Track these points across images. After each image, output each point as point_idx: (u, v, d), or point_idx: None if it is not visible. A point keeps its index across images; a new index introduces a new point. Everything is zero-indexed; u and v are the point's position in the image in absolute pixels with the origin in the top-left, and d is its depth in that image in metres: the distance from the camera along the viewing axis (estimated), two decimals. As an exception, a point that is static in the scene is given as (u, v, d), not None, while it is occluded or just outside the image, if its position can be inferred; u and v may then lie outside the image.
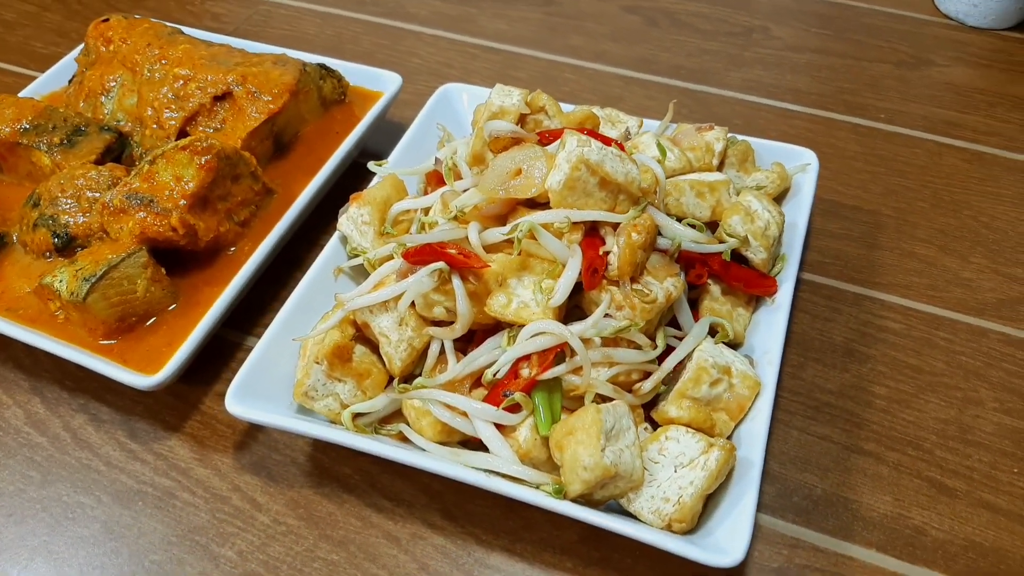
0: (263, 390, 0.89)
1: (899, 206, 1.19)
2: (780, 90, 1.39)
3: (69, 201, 1.02)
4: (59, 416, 0.98)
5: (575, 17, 1.56)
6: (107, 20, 1.25)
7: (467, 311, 0.85)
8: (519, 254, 0.85)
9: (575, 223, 0.85)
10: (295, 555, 0.86)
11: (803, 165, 1.07)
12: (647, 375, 0.85)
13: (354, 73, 1.27)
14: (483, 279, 0.86)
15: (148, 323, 0.97)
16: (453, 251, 0.86)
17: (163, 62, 1.15)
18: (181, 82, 1.13)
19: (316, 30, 1.55)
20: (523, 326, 0.82)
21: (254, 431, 0.96)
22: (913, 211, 1.18)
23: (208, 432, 0.96)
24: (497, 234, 0.88)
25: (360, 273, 1.03)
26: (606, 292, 0.84)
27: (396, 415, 0.90)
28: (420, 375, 0.89)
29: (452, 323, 0.86)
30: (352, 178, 1.20)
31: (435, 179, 1.08)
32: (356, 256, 1.00)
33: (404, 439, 0.88)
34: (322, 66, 1.21)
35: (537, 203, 0.89)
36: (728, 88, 1.40)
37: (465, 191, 0.94)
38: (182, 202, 0.97)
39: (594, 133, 0.92)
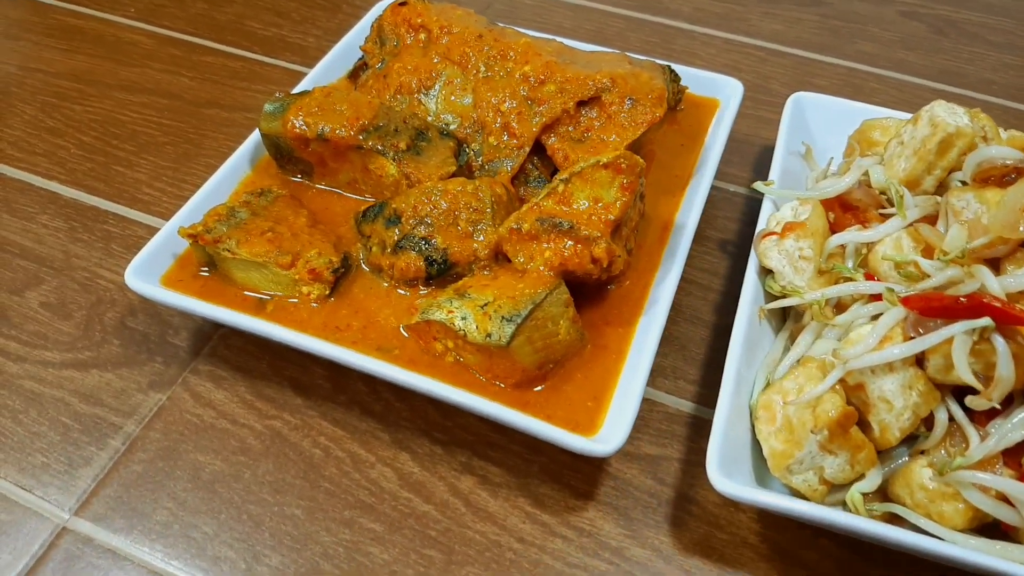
0: (730, 462, 0.74)
1: None
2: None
3: (442, 220, 0.86)
4: (440, 477, 0.82)
5: (852, 20, 1.42)
6: (405, 3, 1.08)
7: (1009, 375, 0.71)
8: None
9: None
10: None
11: None
12: None
13: (683, 75, 1.11)
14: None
15: (561, 370, 0.82)
16: (998, 303, 0.72)
17: (506, 58, 0.99)
18: (534, 82, 0.96)
19: (572, 23, 1.39)
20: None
21: (684, 502, 0.81)
22: None
23: (630, 502, 0.81)
24: (1012, 282, 0.74)
25: (775, 316, 0.88)
26: None
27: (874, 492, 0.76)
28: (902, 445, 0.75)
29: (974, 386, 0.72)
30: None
31: (838, 206, 0.93)
32: (784, 295, 0.85)
33: (890, 520, 0.74)
34: (671, 69, 1.06)
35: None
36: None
37: (947, 231, 0.80)
38: (601, 227, 0.81)
39: None
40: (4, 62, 1.29)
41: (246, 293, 0.88)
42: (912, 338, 0.74)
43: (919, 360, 0.75)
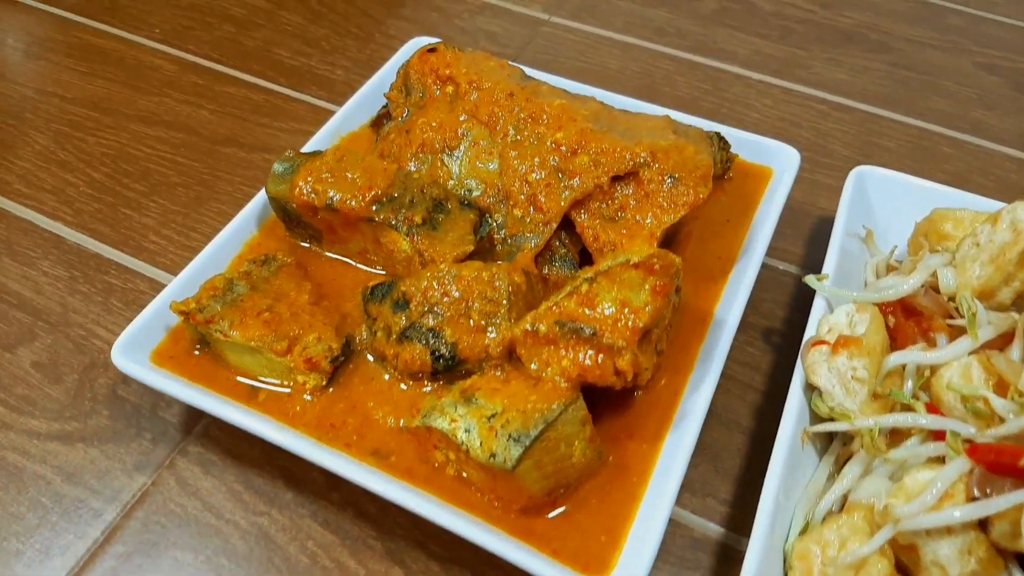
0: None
1: None
2: None
3: (453, 310, 0.78)
4: (433, 599, 0.75)
5: (925, 71, 1.30)
6: (434, 50, 1.00)
7: (1091, 555, 0.61)
8: None
9: None
10: None
11: None
12: None
13: (733, 139, 1.01)
14: (1111, 509, 0.61)
15: (575, 494, 0.73)
16: (1083, 471, 0.61)
17: (538, 121, 0.90)
18: (566, 152, 0.88)
19: (619, 64, 1.29)
20: None
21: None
22: None
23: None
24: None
25: (822, 438, 0.79)
26: None
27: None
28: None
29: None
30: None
31: (900, 310, 0.83)
32: (832, 419, 0.76)
33: None
34: (720, 136, 0.96)
35: None
36: None
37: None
38: (631, 336, 0.72)
39: None
40: (22, 84, 1.24)
41: (239, 378, 0.81)
42: (976, 498, 0.64)
43: (982, 522, 0.65)
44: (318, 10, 1.38)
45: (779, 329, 0.95)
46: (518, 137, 0.91)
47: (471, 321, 0.77)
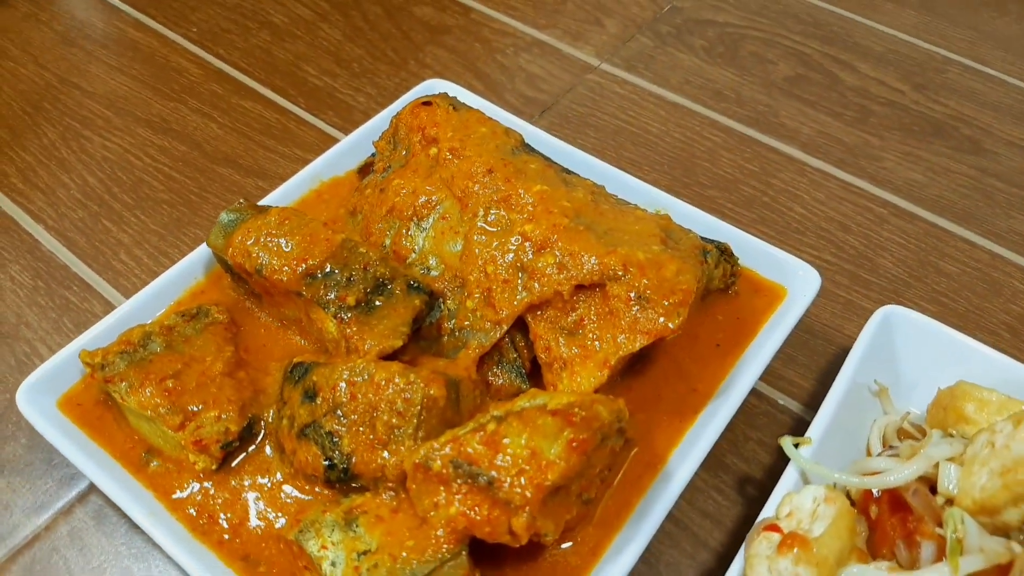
0: None
1: None
2: None
3: (357, 416, 0.70)
4: None
5: (1018, 183, 1.11)
6: (429, 104, 0.91)
7: None
8: None
9: None
10: None
11: None
12: None
13: (747, 249, 0.88)
14: None
15: (444, 659, 0.64)
16: None
17: (511, 207, 0.80)
18: (531, 249, 0.77)
19: (660, 127, 1.17)
20: None
21: None
22: None
23: None
24: None
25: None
26: None
27: None
28: None
29: None
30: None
31: (887, 501, 0.69)
32: (765, 625, 0.63)
33: None
34: (721, 248, 0.84)
35: None
36: None
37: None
38: (531, 494, 0.62)
39: None
40: (50, 71, 1.24)
41: (136, 439, 0.76)
42: None
43: None
44: (360, 27, 1.32)
45: (758, 479, 0.82)
46: (486, 221, 0.81)
47: (372, 435, 0.69)
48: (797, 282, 0.86)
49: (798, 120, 1.19)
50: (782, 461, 0.81)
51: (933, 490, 0.69)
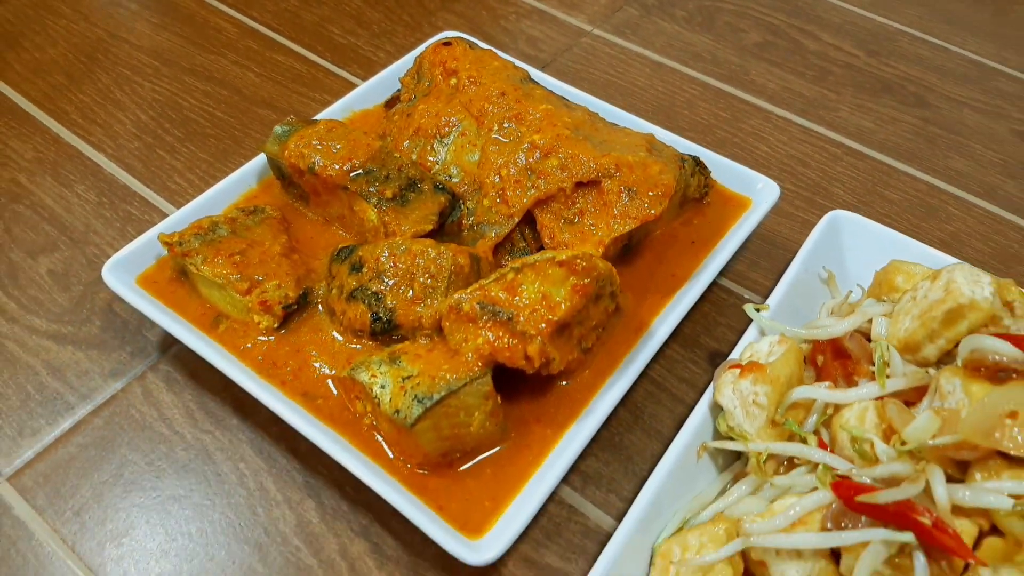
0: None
1: None
2: None
3: (398, 280, 0.84)
4: (336, 534, 0.82)
5: (955, 131, 1.28)
6: (449, 44, 1.07)
7: (926, 603, 0.62)
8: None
9: None
10: None
11: None
12: None
13: (718, 167, 1.04)
14: (953, 566, 0.63)
15: (471, 463, 0.79)
16: (927, 520, 0.63)
17: (521, 122, 0.96)
18: (539, 154, 0.93)
19: (645, 82, 1.33)
20: None
21: (566, 627, 0.77)
22: None
23: (511, 610, 0.77)
24: (968, 496, 0.65)
25: (726, 457, 0.82)
26: None
27: None
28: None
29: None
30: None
31: (830, 351, 0.85)
32: (731, 438, 0.79)
33: None
34: (696, 160, 1.00)
35: None
36: None
37: (915, 420, 0.71)
38: (543, 327, 0.77)
39: None
40: (100, 27, 1.38)
41: (207, 307, 0.90)
42: (828, 529, 0.66)
43: (835, 551, 0.67)
44: (380, -6, 1.47)
45: (726, 353, 0.97)
46: (500, 133, 0.97)
47: (411, 292, 0.84)
48: (760, 193, 1.02)
49: (765, 77, 1.36)
50: (748, 340, 0.96)
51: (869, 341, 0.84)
